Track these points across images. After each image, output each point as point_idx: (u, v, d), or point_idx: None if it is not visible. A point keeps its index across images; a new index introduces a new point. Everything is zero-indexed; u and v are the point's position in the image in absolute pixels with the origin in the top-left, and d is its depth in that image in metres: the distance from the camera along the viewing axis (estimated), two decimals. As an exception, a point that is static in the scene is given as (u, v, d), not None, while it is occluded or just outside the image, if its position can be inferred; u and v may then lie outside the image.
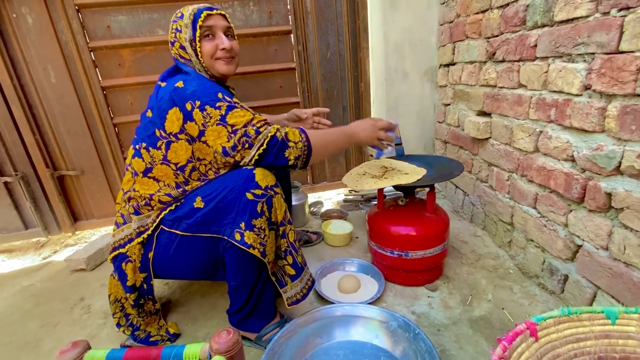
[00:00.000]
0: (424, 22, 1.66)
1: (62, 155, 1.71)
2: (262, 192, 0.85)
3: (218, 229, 0.87)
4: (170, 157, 0.90)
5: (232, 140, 0.84)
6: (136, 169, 0.94)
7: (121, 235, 0.95)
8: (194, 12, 0.92)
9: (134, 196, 0.94)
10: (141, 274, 0.95)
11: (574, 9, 0.86)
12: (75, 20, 1.54)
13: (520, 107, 1.12)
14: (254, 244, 0.84)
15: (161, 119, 0.89)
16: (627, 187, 0.78)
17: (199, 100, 0.84)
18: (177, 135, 0.88)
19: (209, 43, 0.94)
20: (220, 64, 0.97)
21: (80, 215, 1.85)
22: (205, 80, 0.92)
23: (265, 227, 0.86)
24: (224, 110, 0.84)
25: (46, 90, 1.60)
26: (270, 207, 0.87)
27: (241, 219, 0.84)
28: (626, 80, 0.74)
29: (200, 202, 0.88)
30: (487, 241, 1.41)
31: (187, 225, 0.89)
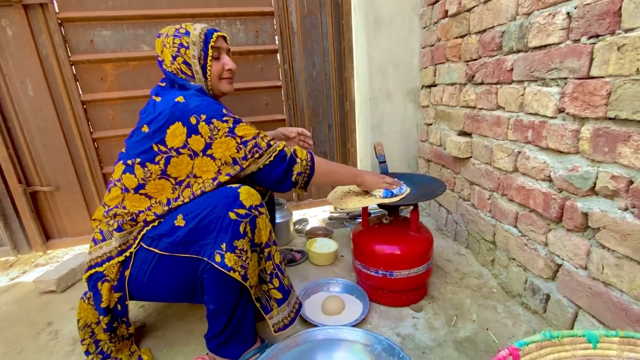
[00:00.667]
0: (406, 45, 1.71)
1: (36, 171, 1.64)
2: (245, 212, 0.83)
3: (198, 250, 0.84)
4: (170, 171, 0.89)
5: (242, 151, 0.88)
6: (127, 184, 0.91)
7: (99, 253, 0.90)
8: (204, 32, 0.96)
9: (120, 213, 0.90)
10: (115, 293, 0.90)
11: (547, 36, 0.91)
12: (57, 34, 1.51)
13: (499, 127, 1.15)
14: (235, 267, 0.81)
15: (161, 134, 0.87)
16: (602, 207, 0.80)
17: (205, 114, 0.86)
18: (178, 150, 0.87)
19: (217, 63, 1.00)
20: (225, 84, 1.04)
21: (53, 234, 1.76)
22: (206, 97, 0.93)
23: (247, 248, 0.83)
24: (231, 123, 0.88)
25: (23, 103, 1.56)
26: (254, 228, 0.85)
27: (222, 239, 0.81)
28: (597, 104, 0.78)
29: (181, 220, 0.85)
30: (471, 260, 1.41)
31: (167, 244, 0.86)
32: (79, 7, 1.52)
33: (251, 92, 1.80)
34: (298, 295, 1.17)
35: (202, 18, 1.64)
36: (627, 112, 0.71)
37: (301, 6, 1.75)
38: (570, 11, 0.83)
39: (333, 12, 1.79)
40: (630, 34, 0.69)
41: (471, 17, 1.25)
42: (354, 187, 1.26)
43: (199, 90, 0.96)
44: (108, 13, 1.54)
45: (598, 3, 0.75)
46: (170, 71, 0.97)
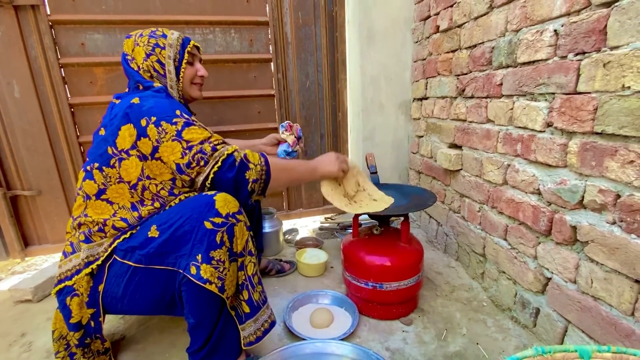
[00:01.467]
0: (398, 59, 1.74)
1: (18, 174, 1.59)
2: (222, 220, 0.79)
3: (173, 262, 0.80)
4: (123, 175, 0.86)
5: (186, 156, 0.82)
6: (87, 191, 0.88)
7: (68, 266, 0.87)
8: (181, 37, 0.99)
9: (85, 222, 0.87)
10: (88, 309, 0.86)
11: (535, 52, 0.93)
12: (48, 36, 1.49)
13: (489, 141, 1.16)
14: (211, 279, 0.77)
15: (113, 136, 0.85)
16: (590, 221, 0.80)
17: (155, 116, 0.83)
18: (128, 152, 0.85)
19: (190, 69, 1.02)
20: (195, 90, 1.06)
21: (32, 240, 1.69)
22: (165, 98, 0.91)
23: (225, 259, 0.79)
24: (180, 125, 0.83)
25: (8, 105, 1.51)
26: (232, 237, 0.81)
27: (198, 250, 0.77)
28: (584, 119, 0.79)
29: (155, 230, 0.81)
30: (461, 272, 1.41)
31: (140, 256, 0.82)
32: (71, 10, 1.51)
33: (244, 99, 1.80)
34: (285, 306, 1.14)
35: (196, 26, 1.64)
36: (613, 127, 0.72)
37: (296, 17, 1.77)
38: (558, 29, 0.85)
39: (327, 24, 1.82)
40: (616, 52, 0.71)
41: (462, 33, 1.28)
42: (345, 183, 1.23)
43: (162, 90, 0.94)
44: (101, 17, 1.53)
45: (584, 21, 0.77)
46: (137, 70, 0.95)
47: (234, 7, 1.68)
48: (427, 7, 1.54)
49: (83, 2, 1.51)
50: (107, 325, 1.11)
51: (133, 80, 0.96)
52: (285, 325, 1.10)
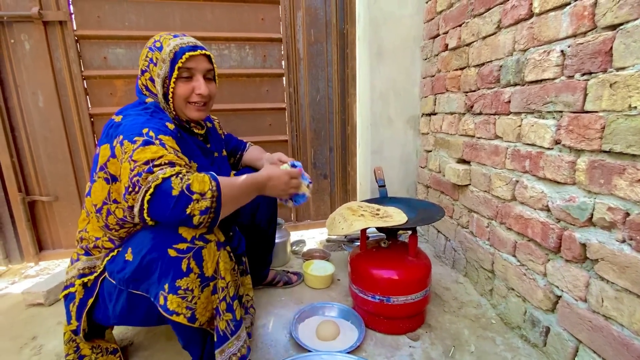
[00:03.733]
0: (407, 75, 1.77)
1: (37, 180, 1.65)
2: (187, 246, 0.71)
3: (146, 288, 0.76)
4: (93, 197, 0.83)
5: (129, 179, 0.70)
6: (87, 207, 0.89)
7: (73, 273, 0.90)
8: (175, 50, 0.84)
9: (85, 237, 0.89)
10: (75, 321, 0.88)
11: (542, 72, 0.95)
12: (73, 50, 1.57)
13: (497, 157, 1.17)
14: (178, 310, 0.71)
15: (96, 156, 0.82)
16: (600, 238, 0.80)
17: (122, 135, 0.75)
18: (97, 173, 0.81)
19: (185, 85, 0.87)
20: (192, 110, 0.90)
21: (47, 244, 1.74)
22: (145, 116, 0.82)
23: (194, 286, 0.72)
24: (137, 144, 0.72)
25: (32, 114, 1.59)
26: (201, 262, 0.73)
27: (165, 280, 0.71)
28: (592, 137, 0.80)
29: (130, 254, 0.77)
30: (469, 288, 1.39)
31: (119, 279, 0.79)
32: (96, 25, 1.59)
33: (256, 112, 1.85)
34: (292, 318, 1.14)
35: (213, 41, 1.71)
36: (620, 146, 0.73)
37: (308, 35, 1.83)
38: (564, 49, 0.87)
39: (338, 42, 1.87)
40: (622, 73, 0.72)
41: (470, 51, 1.31)
42: (352, 205, 1.26)
43: (151, 106, 0.87)
44: (123, 32, 1.61)
45: (590, 43, 0.79)
46: (138, 86, 0.92)
47: (250, 24, 1.75)
48: (436, 26, 1.58)
49: (107, 19, 1.60)
50: (115, 330, 1.12)
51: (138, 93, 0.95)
52: (291, 336, 1.10)
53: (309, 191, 1.01)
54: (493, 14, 1.15)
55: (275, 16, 1.78)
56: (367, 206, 1.26)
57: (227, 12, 1.71)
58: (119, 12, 1.60)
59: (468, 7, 1.31)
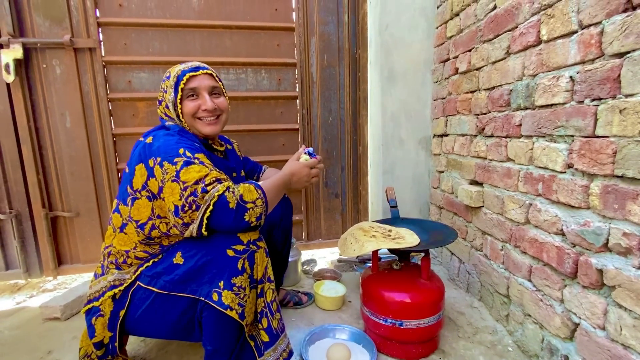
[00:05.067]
0: (418, 97, 1.81)
1: (60, 196, 1.72)
2: (243, 248, 0.81)
3: (195, 289, 0.82)
4: (133, 214, 0.89)
5: (182, 199, 0.78)
6: (114, 224, 0.94)
7: (97, 287, 0.93)
8: (177, 75, 0.94)
9: (113, 252, 0.93)
10: (108, 332, 0.91)
11: (552, 96, 0.96)
12: (100, 74, 1.68)
13: (510, 179, 1.17)
14: (232, 305, 0.78)
15: (130, 175, 0.88)
16: (616, 264, 0.79)
17: (160, 157, 0.83)
18: (140, 191, 0.87)
19: (192, 103, 0.95)
20: (202, 124, 0.97)
21: (65, 259, 1.79)
22: (176, 135, 0.90)
23: (246, 285, 0.81)
24: (179, 165, 0.80)
25: (59, 134, 1.68)
26: (252, 264, 0.82)
27: (220, 277, 0.79)
28: (604, 162, 0.80)
29: (179, 257, 0.85)
30: (484, 313, 1.36)
31: (165, 282, 0.85)
32: (122, 52, 1.70)
33: (270, 133, 1.90)
34: (300, 339, 1.13)
35: (231, 66, 1.80)
36: (633, 171, 0.73)
37: (321, 59, 1.90)
38: (573, 75, 0.89)
39: (350, 65, 1.94)
40: (631, 99, 0.73)
41: (480, 75, 1.34)
42: (364, 225, 1.27)
43: (178, 131, 0.94)
44: (147, 58, 1.71)
45: (599, 70, 0.81)
46: (160, 115, 1.02)
47: (266, 50, 1.83)
48: (446, 50, 1.62)
49: (133, 46, 1.71)
50: (128, 347, 1.14)
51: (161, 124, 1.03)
52: (301, 358, 1.09)
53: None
54: (502, 40, 1.19)
55: (290, 42, 1.86)
56: (379, 227, 1.27)
57: (245, 39, 1.80)
58: (144, 40, 1.71)
59: (477, 33, 1.35)
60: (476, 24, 1.35)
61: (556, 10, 0.93)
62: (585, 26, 0.84)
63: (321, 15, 1.86)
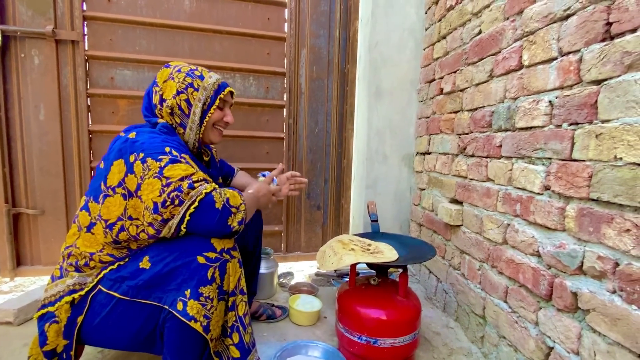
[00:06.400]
0: (404, 114, 1.83)
1: (26, 192, 1.62)
2: (216, 256, 0.78)
3: (160, 297, 0.78)
4: (103, 212, 0.84)
5: (163, 194, 0.76)
6: (81, 222, 0.88)
7: (53, 291, 0.86)
8: (218, 83, 0.98)
9: (74, 253, 0.87)
10: (64, 339, 0.83)
11: (532, 119, 0.98)
12: (81, 68, 1.62)
13: (489, 199, 1.18)
14: (197, 316, 0.75)
15: (106, 171, 0.84)
16: (590, 288, 0.79)
17: (143, 152, 0.80)
18: (114, 189, 0.82)
19: (219, 112, 1.01)
20: (216, 134, 1.04)
21: (25, 260, 1.67)
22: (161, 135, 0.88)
23: (214, 296, 0.77)
24: (164, 162, 0.78)
25: (31, 126, 1.60)
26: (224, 274, 0.79)
27: (187, 285, 0.76)
28: (580, 185, 0.81)
29: (146, 262, 0.81)
30: (460, 334, 1.34)
31: (128, 287, 0.80)
32: (107, 47, 1.65)
33: (254, 140, 1.88)
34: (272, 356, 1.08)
35: (219, 70, 1.78)
36: (608, 195, 0.74)
37: (311, 71, 1.91)
38: (552, 100, 0.91)
39: (339, 79, 1.96)
40: (607, 125, 0.75)
41: (464, 96, 1.37)
42: (343, 238, 1.24)
43: (164, 127, 0.91)
44: (133, 56, 1.67)
45: (576, 95, 0.83)
46: (155, 103, 0.94)
47: (255, 57, 1.83)
48: (432, 71, 1.66)
49: (119, 42, 1.67)
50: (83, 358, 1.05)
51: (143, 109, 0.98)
52: (270, 375, 1.03)
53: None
54: (486, 63, 1.22)
55: (280, 51, 1.87)
56: (359, 240, 1.25)
57: (235, 45, 1.80)
58: (131, 37, 1.67)
59: (463, 55, 1.38)
60: (462, 47, 1.39)
61: (538, 37, 0.97)
62: (565, 53, 0.87)
63: (313, 28, 1.89)
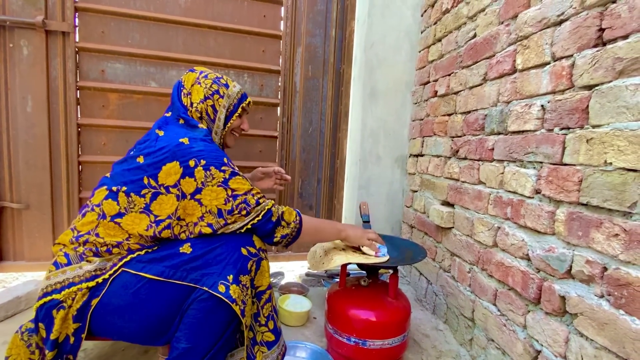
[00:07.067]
0: (398, 116, 1.84)
1: (10, 185, 1.58)
2: (255, 251, 0.89)
3: (198, 279, 0.82)
4: (154, 208, 0.88)
5: (229, 203, 0.88)
6: (106, 211, 0.87)
7: (59, 279, 0.82)
8: (241, 93, 1.09)
9: (92, 241, 0.85)
10: (74, 324, 0.81)
11: (524, 123, 0.99)
12: (72, 60, 1.58)
13: (480, 202, 1.19)
14: (237, 300, 0.80)
15: (155, 169, 0.87)
16: (578, 292, 0.79)
17: (205, 160, 0.87)
18: (168, 188, 0.87)
19: (239, 120, 1.11)
20: (232, 139, 1.14)
21: (7, 255, 1.63)
22: (212, 144, 0.95)
23: (249, 286, 0.86)
24: (227, 174, 0.89)
25: (18, 118, 1.56)
26: (258, 269, 0.89)
27: (230, 271, 0.82)
28: (570, 189, 0.82)
29: (188, 247, 0.86)
30: (449, 337, 1.34)
31: (165, 268, 0.82)
32: (99, 40, 1.62)
33: (247, 138, 1.86)
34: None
35: (213, 67, 1.76)
36: (597, 200, 0.74)
37: (306, 70, 1.90)
38: (544, 104, 0.92)
39: (334, 79, 1.95)
40: (597, 130, 0.76)
41: (457, 99, 1.38)
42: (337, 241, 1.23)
43: (208, 134, 0.99)
44: (125, 49, 1.64)
45: (568, 100, 0.84)
46: (185, 106, 1.00)
47: (251, 54, 1.81)
48: (427, 73, 1.66)
49: (111, 35, 1.63)
50: (64, 356, 1.02)
51: (176, 113, 1.00)
52: (256, 376, 1.01)
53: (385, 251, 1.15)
54: (480, 67, 1.23)
55: (275, 49, 1.85)
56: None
57: (230, 41, 1.78)
58: (124, 30, 1.64)
59: (457, 59, 1.39)
60: (457, 50, 1.40)
61: (531, 41, 0.97)
62: (558, 58, 0.88)
63: (309, 26, 1.88)
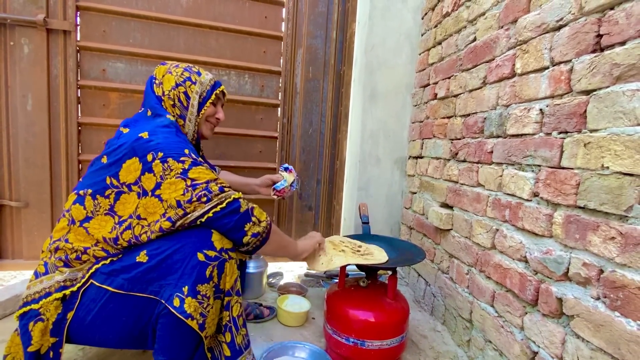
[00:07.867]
0: (398, 118, 1.85)
1: (9, 183, 1.58)
2: (215, 254, 0.80)
3: (157, 290, 0.78)
4: (117, 208, 0.85)
5: (188, 193, 0.81)
6: (75, 216, 0.86)
7: (38, 288, 0.82)
8: (214, 80, 1.08)
9: (62, 247, 0.85)
10: (51, 338, 0.81)
11: (523, 126, 1.00)
12: (73, 59, 1.59)
13: (479, 204, 1.20)
14: (194, 314, 0.75)
15: (116, 167, 0.84)
16: (575, 294, 0.80)
17: (162, 152, 0.82)
18: (130, 186, 0.84)
19: (212, 108, 1.08)
20: (208, 128, 1.11)
21: (6, 253, 1.62)
22: (173, 135, 0.90)
23: (210, 294, 0.78)
24: (187, 164, 0.83)
25: (18, 116, 1.56)
26: (221, 273, 0.81)
27: (185, 282, 0.76)
28: (568, 192, 0.83)
29: (144, 256, 0.80)
30: (447, 338, 1.35)
31: (124, 280, 0.79)
32: (100, 39, 1.62)
33: (247, 138, 1.86)
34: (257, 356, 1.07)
35: (214, 67, 1.76)
36: (594, 203, 0.75)
37: (306, 71, 1.91)
38: (543, 108, 0.93)
39: (334, 81, 1.96)
40: (595, 134, 0.77)
41: (457, 102, 1.39)
42: (334, 239, 1.24)
43: (172, 125, 0.93)
44: (126, 48, 1.65)
45: (566, 104, 0.85)
46: (158, 95, 0.98)
47: (251, 55, 1.82)
48: (427, 76, 1.67)
49: (112, 34, 1.64)
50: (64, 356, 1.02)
51: (148, 104, 0.99)
52: (255, 376, 1.02)
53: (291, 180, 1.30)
54: (479, 70, 1.24)
55: (276, 50, 1.86)
56: (349, 242, 1.25)
57: (231, 42, 1.78)
58: (125, 29, 1.65)
59: (457, 62, 1.40)
60: (457, 54, 1.41)
61: (530, 46, 0.99)
62: (556, 63, 0.89)
63: (310, 28, 1.89)
